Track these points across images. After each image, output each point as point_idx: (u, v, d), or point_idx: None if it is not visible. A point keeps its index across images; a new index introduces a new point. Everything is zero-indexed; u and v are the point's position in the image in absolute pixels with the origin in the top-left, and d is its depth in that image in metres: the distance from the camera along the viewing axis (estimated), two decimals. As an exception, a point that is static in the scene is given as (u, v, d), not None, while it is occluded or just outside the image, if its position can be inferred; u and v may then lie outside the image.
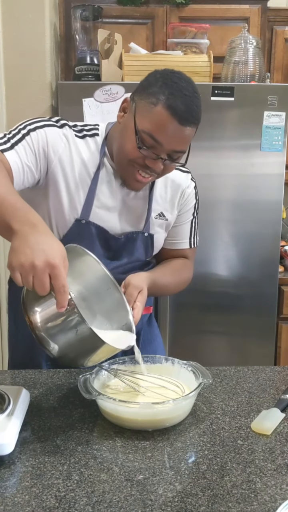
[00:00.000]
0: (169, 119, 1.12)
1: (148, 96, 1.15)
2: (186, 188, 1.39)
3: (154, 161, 1.17)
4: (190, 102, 1.14)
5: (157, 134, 1.14)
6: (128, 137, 1.18)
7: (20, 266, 0.88)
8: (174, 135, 1.14)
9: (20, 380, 1.20)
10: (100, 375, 1.10)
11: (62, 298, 0.89)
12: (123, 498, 0.80)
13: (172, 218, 1.39)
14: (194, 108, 1.15)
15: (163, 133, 1.13)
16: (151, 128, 1.14)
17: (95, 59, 2.53)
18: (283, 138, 2.40)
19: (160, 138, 1.14)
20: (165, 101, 1.12)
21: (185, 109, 1.12)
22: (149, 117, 1.14)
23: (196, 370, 1.09)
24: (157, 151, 1.16)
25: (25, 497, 0.80)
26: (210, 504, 0.79)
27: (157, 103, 1.13)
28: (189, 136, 1.17)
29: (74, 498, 0.80)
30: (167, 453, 0.92)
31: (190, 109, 1.13)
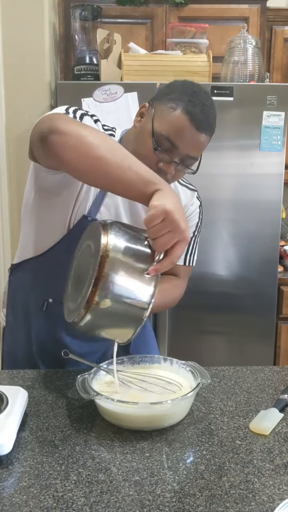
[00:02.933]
0: (187, 124, 1.15)
1: (167, 101, 1.18)
2: (190, 205, 1.40)
3: (168, 164, 1.18)
4: (208, 111, 1.18)
5: (174, 138, 1.16)
6: (144, 140, 1.19)
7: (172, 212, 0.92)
8: (190, 140, 1.17)
9: (18, 380, 1.20)
10: (98, 375, 1.10)
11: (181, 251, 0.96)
12: (121, 498, 0.80)
13: None
14: (211, 117, 1.19)
15: (180, 137, 1.16)
16: (169, 131, 1.16)
17: (94, 59, 2.53)
18: (282, 138, 2.40)
19: (177, 142, 1.16)
20: (184, 106, 1.15)
21: (203, 117, 1.16)
22: (168, 120, 1.17)
23: (194, 370, 1.09)
24: (172, 155, 1.18)
25: (23, 497, 0.80)
26: (208, 504, 0.79)
27: (176, 108, 1.16)
28: (203, 143, 1.20)
29: (72, 498, 0.80)
30: (165, 453, 0.92)
31: (207, 117, 1.18)
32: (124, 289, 0.94)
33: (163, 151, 1.17)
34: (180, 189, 1.40)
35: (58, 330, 1.32)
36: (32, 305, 1.35)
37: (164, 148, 1.17)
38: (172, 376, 1.11)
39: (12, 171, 2.41)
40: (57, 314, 1.29)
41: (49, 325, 1.33)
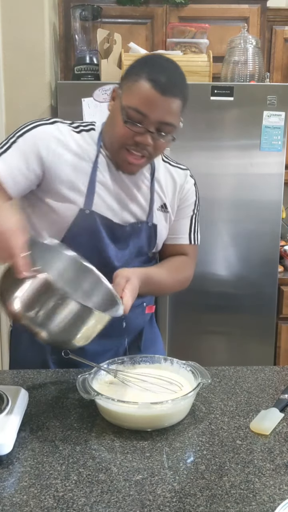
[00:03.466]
0: (151, 90, 1.15)
1: (130, 76, 1.20)
2: (184, 183, 1.41)
3: (143, 135, 1.19)
4: (171, 75, 1.17)
5: (141, 107, 1.16)
6: (116, 119, 1.21)
7: None
8: (158, 106, 1.16)
9: (18, 380, 1.20)
10: (98, 375, 1.10)
11: (17, 261, 0.92)
12: (122, 498, 0.80)
13: (173, 213, 1.40)
14: (176, 80, 1.18)
15: (147, 105, 1.16)
16: (135, 101, 1.16)
17: (94, 59, 2.53)
18: (282, 138, 2.40)
19: (145, 110, 1.16)
20: (146, 75, 1.16)
21: (167, 81, 1.15)
22: (133, 92, 1.17)
23: (195, 370, 1.09)
24: (144, 124, 1.18)
25: (23, 497, 0.80)
26: (209, 504, 0.79)
27: (139, 78, 1.17)
28: (175, 108, 1.18)
29: (73, 498, 0.80)
30: (165, 453, 0.92)
31: (171, 80, 1.17)
32: None
33: (134, 123, 1.18)
34: (172, 170, 1.41)
35: None
36: None
37: (135, 120, 1.17)
38: (172, 376, 1.11)
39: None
40: None
41: None
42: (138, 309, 1.37)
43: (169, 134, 1.22)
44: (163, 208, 1.38)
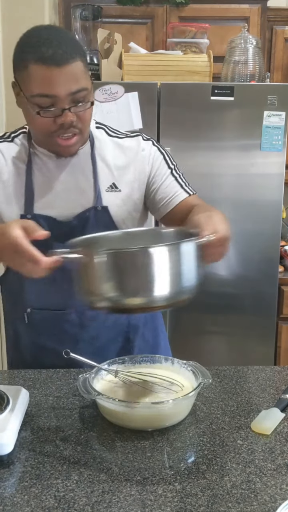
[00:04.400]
0: (45, 68, 1.08)
1: (18, 65, 1.13)
2: (140, 151, 1.32)
3: (62, 116, 1.12)
4: (54, 42, 1.09)
5: (45, 90, 1.10)
6: (29, 113, 1.15)
7: (16, 269, 0.99)
8: (60, 80, 1.09)
9: (19, 380, 1.20)
10: (99, 375, 1.10)
11: (37, 263, 0.95)
12: (123, 498, 0.80)
13: (129, 189, 1.30)
14: (62, 44, 1.09)
15: (49, 85, 1.09)
16: (36, 88, 1.10)
17: (94, 59, 2.53)
18: (283, 138, 2.40)
19: (50, 91, 1.10)
20: (32, 57, 1.09)
21: (54, 51, 1.08)
22: (29, 81, 1.11)
23: (195, 370, 1.09)
24: (58, 105, 1.11)
25: (24, 497, 0.80)
26: (210, 504, 0.78)
27: (27, 64, 1.10)
28: (77, 71, 1.11)
29: (74, 498, 0.80)
30: (166, 453, 0.92)
31: (58, 47, 1.08)
32: None
33: (47, 108, 1.11)
34: (122, 142, 1.32)
35: (41, 338, 1.31)
36: (17, 317, 1.34)
37: (46, 105, 1.11)
38: (173, 376, 1.11)
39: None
40: (39, 322, 1.29)
41: (34, 334, 1.32)
42: None
43: (86, 100, 1.14)
44: (112, 188, 1.29)
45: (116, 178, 1.30)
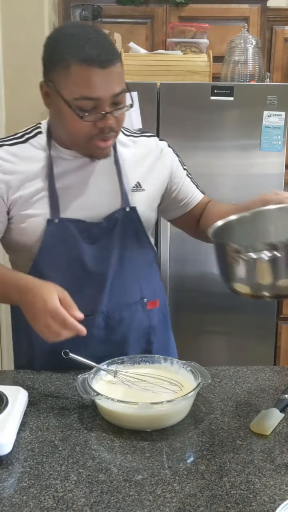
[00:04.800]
0: (90, 70, 1.05)
1: (56, 65, 1.08)
2: (159, 151, 1.33)
3: (104, 120, 1.09)
4: (97, 43, 1.06)
5: (89, 92, 1.06)
6: (66, 116, 1.10)
7: (40, 332, 1.05)
8: (105, 82, 1.06)
9: (18, 380, 1.20)
10: (98, 375, 1.09)
11: (72, 329, 1.02)
12: (121, 499, 0.79)
13: (152, 188, 1.30)
14: (105, 46, 1.07)
15: (94, 87, 1.06)
16: (80, 90, 1.06)
17: (94, 59, 2.53)
18: (282, 138, 2.40)
19: (95, 94, 1.06)
20: (74, 57, 1.05)
21: (98, 52, 1.05)
22: (71, 81, 1.06)
23: (195, 370, 1.09)
24: (100, 108, 1.08)
25: (23, 497, 0.80)
26: (209, 504, 0.78)
27: (69, 64, 1.05)
28: (117, 73, 1.09)
29: (72, 498, 0.80)
30: (165, 453, 0.92)
31: (101, 49, 1.06)
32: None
33: (90, 112, 1.08)
34: (139, 141, 1.31)
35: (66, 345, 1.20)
36: None
37: (89, 108, 1.08)
38: (172, 376, 1.11)
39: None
40: None
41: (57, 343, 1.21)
42: (136, 306, 1.31)
43: (124, 103, 1.12)
44: (137, 188, 1.28)
45: (139, 178, 1.29)
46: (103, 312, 1.26)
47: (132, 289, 1.30)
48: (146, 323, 1.34)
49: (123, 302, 1.28)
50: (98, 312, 1.25)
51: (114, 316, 1.27)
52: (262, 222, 1.09)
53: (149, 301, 1.34)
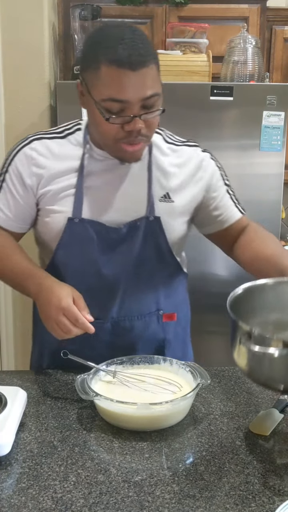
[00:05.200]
0: (119, 72, 1.03)
1: (88, 65, 1.08)
2: (199, 162, 1.28)
3: (131, 123, 1.07)
4: (130, 44, 1.03)
5: (117, 94, 1.04)
6: (96, 117, 1.09)
7: (51, 328, 1.10)
8: (134, 85, 1.04)
9: (17, 381, 1.19)
10: (97, 376, 1.09)
11: (82, 327, 1.06)
12: (120, 500, 0.79)
13: (183, 201, 1.26)
14: (139, 47, 1.04)
15: (122, 90, 1.04)
16: (108, 91, 1.05)
17: (94, 59, 2.53)
18: (282, 138, 2.40)
19: (122, 96, 1.04)
20: (105, 58, 1.03)
21: (129, 53, 1.02)
22: (100, 83, 1.05)
23: (194, 371, 1.09)
24: (128, 111, 1.06)
25: (21, 498, 0.80)
26: (208, 505, 0.78)
27: (99, 65, 1.04)
28: (150, 76, 1.05)
29: (71, 499, 0.79)
30: (164, 454, 0.92)
31: (134, 50, 1.03)
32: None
33: (117, 114, 1.07)
34: (179, 150, 1.28)
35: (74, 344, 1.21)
36: None
37: (116, 110, 1.06)
38: (171, 377, 1.11)
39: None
40: None
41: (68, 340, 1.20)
42: (150, 317, 1.29)
43: (157, 106, 1.09)
44: (166, 198, 1.24)
45: (170, 188, 1.25)
46: (113, 318, 1.25)
47: (147, 299, 1.28)
48: (160, 335, 1.32)
49: (136, 311, 1.27)
50: (107, 318, 1.25)
51: (124, 323, 1.26)
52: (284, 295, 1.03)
53: (165, 313, 1.31)
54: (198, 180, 1.28)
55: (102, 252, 1.21)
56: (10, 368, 2.41)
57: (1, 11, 2.34)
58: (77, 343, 1.14)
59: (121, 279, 1.23)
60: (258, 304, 1.00)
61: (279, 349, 0.80)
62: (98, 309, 1.19)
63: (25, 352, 2.51)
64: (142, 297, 1.27)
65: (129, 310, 1.26)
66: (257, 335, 0.84)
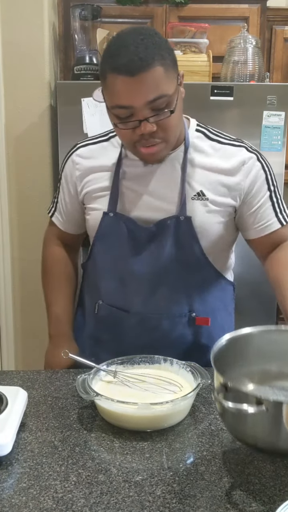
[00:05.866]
0: (119, 79, 1.05)
1: (101, 74, 1.11)
2: (242, 163, 1.24)
3: (141, 126, 1.09)
4: (131, 49, 1.04)
5: (121, 101, 1.07)
6: (111, 121, 1.16)
7: (48, 366, 1.38)
8: (135, 90, 1.05)
9: (18, 381, 1.20)
10: (98, 376, 1.09)
11: None
12: (121, 500, 0.79)
13: (219, 200, 1.23)
14: (139, 52, 1.04)
15: (124, 96, 1.06)
16: (114, 99, 1.09)
17: (94, 59, 2.52)
18: (282, 138, 2.40)
19: (126, 102, 1.07)
20: (109, 66, 1.06)
21: (128, 59, 1.03)
22: (108, 91, 1.10)
23: (194, 371, 1.09)
24: (136, 115, 1.08)
25: (22, 498, 0.80)
26: (209, 505, 0.78)
27: (105, 74, 1.08)
28: (155, 79, 1.05)
29: (72, 499, 0.80)
30: (165, 454, 0.92)
31: (134, 55, 1.03)
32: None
33: (125, 120, 1.10)
34: (222, 149, 1.26)
35: (103, 332, 1.35)
36: (88, 307, 1.41)
37: (124, 116, 1.09)
38: (172, 377, 1.11)
39: (11, 170, 2.41)
40: (105, 316, 1.33)
41: (99, 326, 1.37)
42: (179, 318, 1.28)
43: (167, 107, 1.09)
44: (200, 196, 1.22)
45: (205, 186, 1.23)
46: (139, 313, 1.27)
47: (177, 299, 1.28)
48: (189, 338, 1.31)
49: (164, 309, 1.28)
50: (132, 312, 1.28)
51: (151, 320, 1.28)
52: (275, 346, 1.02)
53: (198, 316, 1.29)
54: (237, 182, 1.24)
55: (132, 248, 1.24)
56: (10, 368, 2.41)
57: (1, 11, 2.34)
58: (106, 334, 1.30)
59: (149, 277, 1.25)
60: (245, 354, 0.99)
61: (252, 406, 0.78)
62: (125, 300, 1.28)
63: (25, 352, 2.51)
64: (171, 297, 1.28)
65: (156, 307, 1.27)
66: (232, 388, 0.82)
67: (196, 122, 1.30)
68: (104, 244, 1.28)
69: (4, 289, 2.39)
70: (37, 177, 2.42)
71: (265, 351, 1.00)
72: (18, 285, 2.48)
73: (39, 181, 2.42)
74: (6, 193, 2.39)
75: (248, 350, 0.99)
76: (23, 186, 2.42)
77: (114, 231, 1.25)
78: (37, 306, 2.49)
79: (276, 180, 1.30)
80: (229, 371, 0.92)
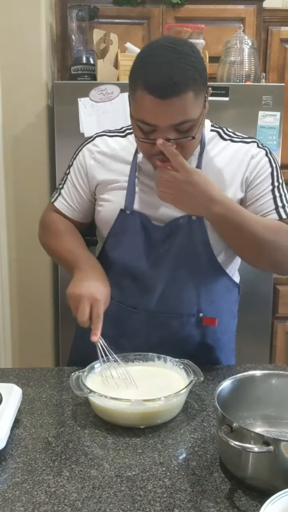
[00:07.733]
0: (150, 98, 1.05)
1: (131, 83, 1.12)
2: (250, 159, 1.26)
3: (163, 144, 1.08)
4: (168, 71, 1.04)
5: (147, 118, 1.08)
6: (134, 130, 1.16)
7: (71, 294, 1.14)
8: (163, 112, 1.06)
9: (13, 378, 1.21)
10: (92, 373, 1.10)
11: (95, 326, 1.11)
12: (113, 494, 0.81)
13: (230, 194, 1.23)
14: (175, 75, 1.04)
15: (151, 115, 1.07)
16: (140, 114, 1.09)
17: (91, 59, 2.54)
18: (277, 138, 2.41)
19: (152, 121, 1.08)
20: (141, 82, 1.06)
21: (162, 81, 1.03)
22: (136, 103, 1.11)
23: (187, 368, 1.10)
24: (159, 133, 1.09)
25: (15, 492, 0.81)
26: (199, 499, 0.79)
27: (136, 87, 1.08)
28: (181, 104, 1.06)
29: (64, 493, 0.81)
30: (157, 449, 0.93)
31: (168, 77, 1.03)
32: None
33: (148, 135, 1.11)
34: (234, 148, 1.28)
35: (112, 328, 1.26)
36: None
37: (147, 131, 1.10)
38: (165, 374, 1.12)
39: (9, 170, 2.42)
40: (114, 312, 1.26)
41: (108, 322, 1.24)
42: (188, 318, 1.28)
43: (190, 132, 1.10)
44: None
45: (218, 185, 1.20)
46: (150, 311, 1.27)
47: (187, 300, 1.28)
48: (197, 339, 1.31)
49: (174, 309, 1.28)
50: (143, 308, 1.28)
51: (161, 319, 1.28)
52: None
53: (205, 316, 1.29)
54: (242, 174, 1.26)
55: (145, 246, 1.25)
56: (8, 366, 2.42)
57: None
58: (114, 331, 1.22)
59: (160, 277, 1.26)
60: (249, 396, 0.99)
61: (257, 446, 0.78)
62: (135, 299, 1.28)
63: (22, 349, 2.52)
64: (181, 297, 1.28)
65: (167, 306, 1.28)
66: (237, 429, 0.82)
67: (211, 122, 1.31)
68: (118, 241, 1.28)
69: (2, 290, 2.40)
70: (34, 177, 2.43)
71: (264, 396, 1.00)
72: (15, 286, 2.49)
73: (36, 181, 2.43)
74: (3, 192, 2.40)
75: (248, 394, 0.99)
76: (20, 186, 2.43)
77: (130, 228, 1.25)
78: (34, 306, 2.51)
79: (283, 178, 1.29)
80: (233, 412, 0.92)
